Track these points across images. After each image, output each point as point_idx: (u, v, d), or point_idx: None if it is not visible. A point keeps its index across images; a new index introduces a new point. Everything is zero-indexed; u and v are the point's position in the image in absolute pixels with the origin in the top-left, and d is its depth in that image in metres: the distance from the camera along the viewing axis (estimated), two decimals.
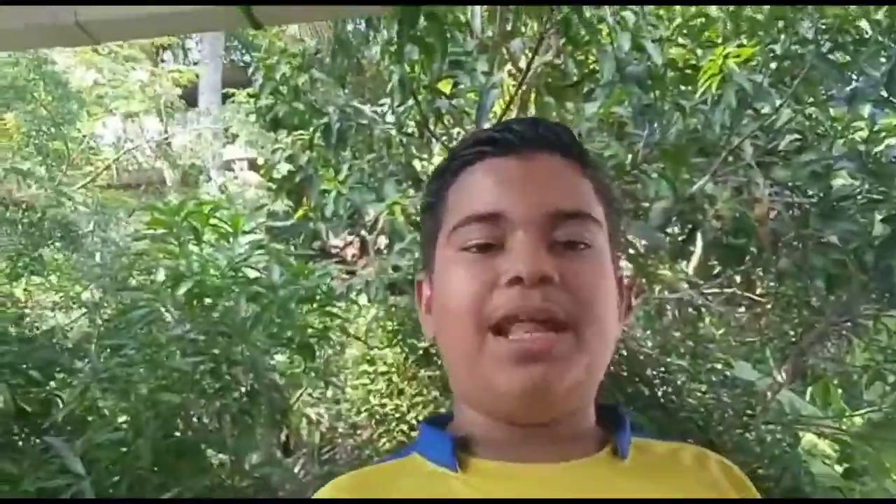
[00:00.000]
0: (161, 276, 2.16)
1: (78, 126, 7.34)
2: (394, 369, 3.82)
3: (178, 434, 1.88)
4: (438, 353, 0.77)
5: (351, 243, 4.60)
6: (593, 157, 0.79)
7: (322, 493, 0.71)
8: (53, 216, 4.50)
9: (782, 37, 2.61)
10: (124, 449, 1.73)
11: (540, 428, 0.70)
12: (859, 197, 2.69)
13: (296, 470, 3.34)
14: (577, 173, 0.74)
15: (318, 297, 2.27)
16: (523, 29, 2.96)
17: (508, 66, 3.20)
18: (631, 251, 3.04)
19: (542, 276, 0.66)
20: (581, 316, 0.67)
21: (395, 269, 3.06)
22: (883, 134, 2.76)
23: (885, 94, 2.57)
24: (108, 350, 2.06)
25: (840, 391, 5.33)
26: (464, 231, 0.71)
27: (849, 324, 3.43)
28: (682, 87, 2.77)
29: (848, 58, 2.70)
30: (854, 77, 2.82)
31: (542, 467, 0.68)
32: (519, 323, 0.66)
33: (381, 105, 3.57)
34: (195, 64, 10.85)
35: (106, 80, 7.96)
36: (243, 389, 1.99)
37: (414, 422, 3.69)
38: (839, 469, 4.80)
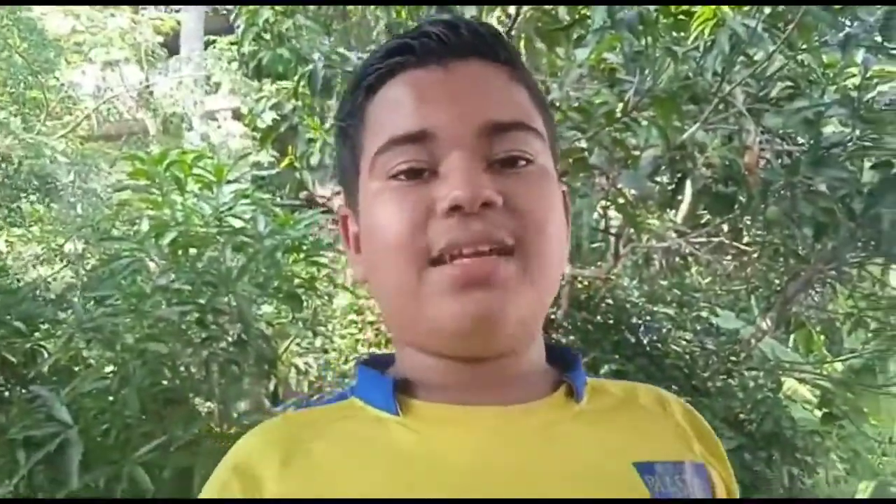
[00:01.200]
0: (145, 225, 2.12)
1: (56, 74, 7.16)
2: (382, 318, 3.83)
3: (165, 383, 1.87)
4: None
5: (338, 193, 4.56)
6: (521, 60, 0.70)
7: (252, 435, 0.65)
8: (31, 167, 4.42)
9: None
10: (111, 398, 1.73)
11: (487, 365, 0.64)
12: (850, 144, 2.68)
13: None
14: (509, 79, 0.66)
15: (304, 247, 2.24)
16: None
17: (498, 12, 3.14)
18: (620, 200, 3.03)
19: (483, 200, 0.59)
20: (530, 240, 0.61)
21: None
22: (875, 80, 2.74)
23: (879, 39, 2.54)
24: (93, 301, 2.03)
25: (822, 338, 5.42)
26: (388, 156, 0.63)
27: (834, 272, 3.45)
28: (675, 33, 2.73)
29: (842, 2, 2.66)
30: (847, 23, 2.78)
31: (489, 410, 0.63)
32: (461, 256, 0.59)
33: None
34: (177, 11, 10.57)
35: (84, 27, 7.74)
36: (230, 339, 1.98)
37: None
38: (819, 414, 4.91)
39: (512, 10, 2.92)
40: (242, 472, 0.61)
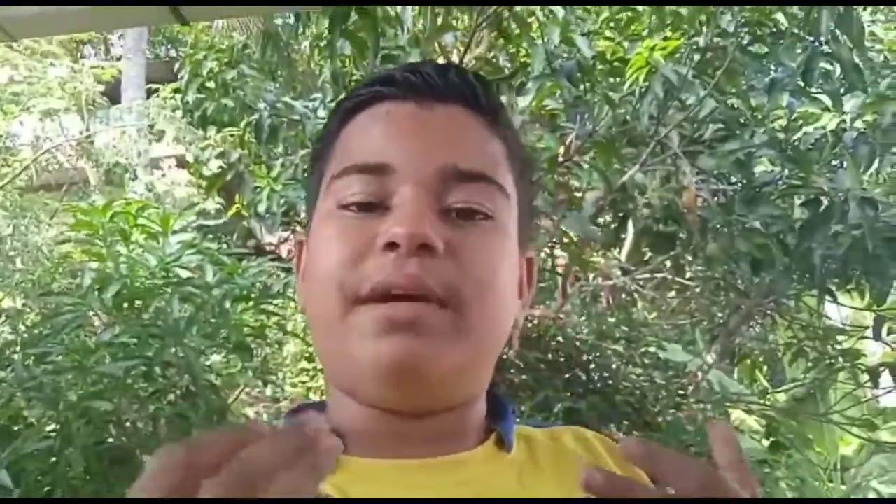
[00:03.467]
0: (87, 279, 2.08)
1: None
2: (328, 368, 3.79)
3: (110, 440, 1.82)
4: None
5: (286, 240, 4.54)
6: (508, 117, 0.67)
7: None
8: None
9: (704, 30, 2.70)
10: (54, 458, 1.67)
11: (420, 420, 0.60)
12: (780, 183, 2.81)
13: None
14: (486, 131, 0.63)
15: (253, 296, 2.23)
16: (455, 23, 2.97)
17: (441, 61, 3.21)
18: (565, 240, 3.10)
19: (421, 241, 0.55)
20: (465, 295, 0.57)
21: None
22: (800, 122, 2.89)
23: (801, 83, 2.69)
24: (33, 358, 1.97)
25: (765, 369, 5.56)
26: (343, 183, 0.60)
27: (773, 304, 3.58)
28: (611, 80, 2.84)
29: (766, 50, 2.82)
30: (772, 68, 2.94)
31: (415, 464, 0.59)
32: (390, 299, 0.56)
33: (314, 100, 3.53)
34: (118, 59, 10.48)
35: (22, 76, 7.61)
36: (179, 391, 1.94)
37: None
38: (766, 443, 5.01)
39: (455, 58, 3.00)
40: None
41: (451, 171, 0.59)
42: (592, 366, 3.79)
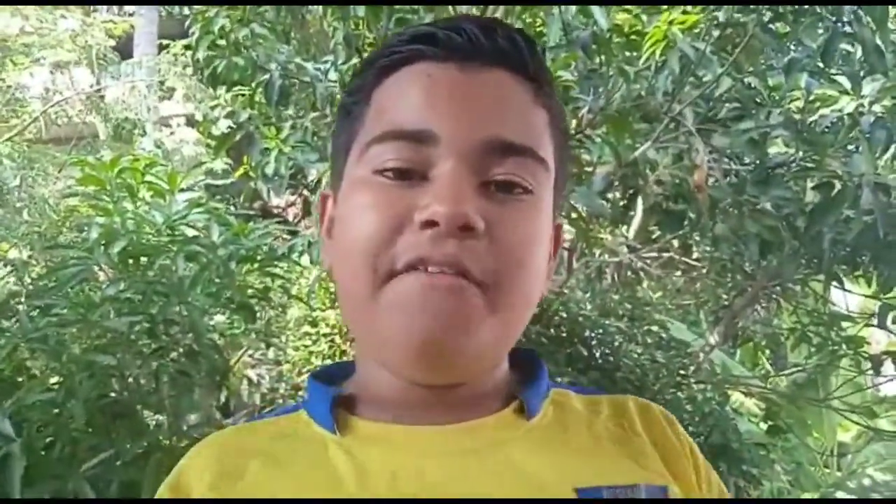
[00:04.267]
0: (94, 233, 2.08)
1: (2, 76, 6.97)
2: (336, 331, 3.80)
3: (112, 395, 1.83)
4: None
5: (293, 203, 4.53)
6: (552, 84, 0.65)
7: (192, 451, 0.64)
8: None
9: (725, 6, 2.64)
10: (56, 410, 1.68)
11: (443, 389, 0.60)
12: (793, 165, 2.78)
13: None
14: (531, 99, 0.61)
15: (259, 258, 2.22)
16: None
17: None
18: (573, 215, 3.08)
19: (462, 222, 0.54)
20: (501, 276, 0.56)
21: None
22: (817, 104, 2.84)
23: (820, 64, 2.65)
24: (38, 310, 1.98)
25: (767, 352, 5.57)
26: (380, 148, 0.58)
27: (778, 288, 3.56)
28: (627, 53, 2.80)
29: (787, 28, 2.77)
30: (792, 47, 2.89)
31: (427, 430, 0.59)
32: (425, 272, 0.55)
33: (325, 62, 3.49)
34: (130, 15, 10.38)
35: (33, 27, 7.55)
36: (181, 350, 1.95)
37: None
38: (764, 427, 5.04)
39: None
40: (178, 492, 0.60)
41: (495, 143, 0.57)
42: (594, 342, 3.80)
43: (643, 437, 0.64)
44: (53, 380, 1.83)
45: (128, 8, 11.02)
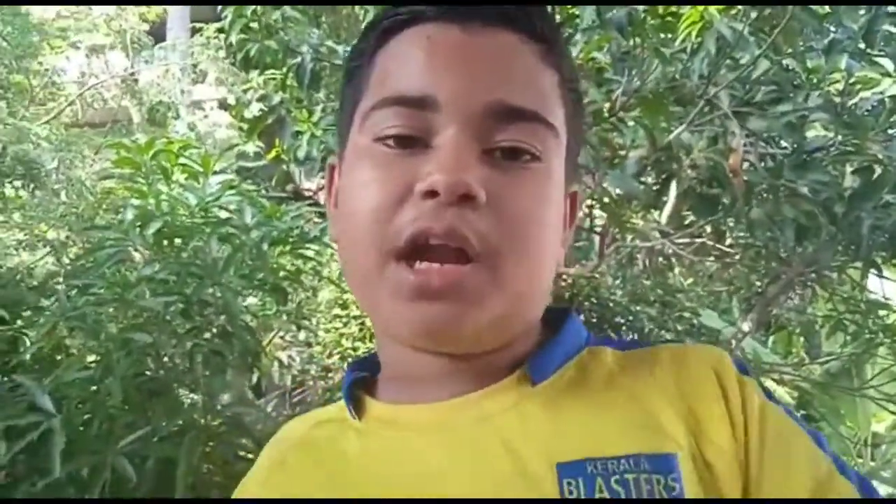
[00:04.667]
0: (129, 215, 2.11)
1: (40, 60, 7.08)
2: (366, 313, 3.83)
3: (148, 373, 1.86)
4: None
5: (324, 187, 4.55)
6: (563, 44, 0.62)
7: (278, 434, 0.68)
8: (15, 153, 4.37)
9: None
10: (94, 387, 1.72)
11: (456, 359, 0.58)
12: (832, 149, 2.72)
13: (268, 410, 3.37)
14: (539, 60, 0.58)
15: (290, 240, 2.24)
16: None
17: None
18: (605, 199, 3.05)
19: (463, 191, 0.52)
20: (503, 248, 0.54)
21: None
22: (858, 86, 2.78)
23: (862, 45, 2.58)
24: (76, 289, 2.02)
25: (801, 340, 5.48)
26: (381, 114, 0.56)
27: (814, 275, 3.50)
28: (663, 35, 2.75)
29: (827, 8, 2.70)
30: (832, 29, 2.82)
31: (426, 408, 0.58)
32: (429, 250, 0.53)
33: None
34: None
35: (69, 12, 7.65)
36: (215, 330, 1.97)
37: None
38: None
39: None
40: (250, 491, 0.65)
41: (499, 107, 0.55)
42: (624, 328, 3.77)
43: (671, 390, 0.56)
44: (91, 358, 1.87)
45: None
